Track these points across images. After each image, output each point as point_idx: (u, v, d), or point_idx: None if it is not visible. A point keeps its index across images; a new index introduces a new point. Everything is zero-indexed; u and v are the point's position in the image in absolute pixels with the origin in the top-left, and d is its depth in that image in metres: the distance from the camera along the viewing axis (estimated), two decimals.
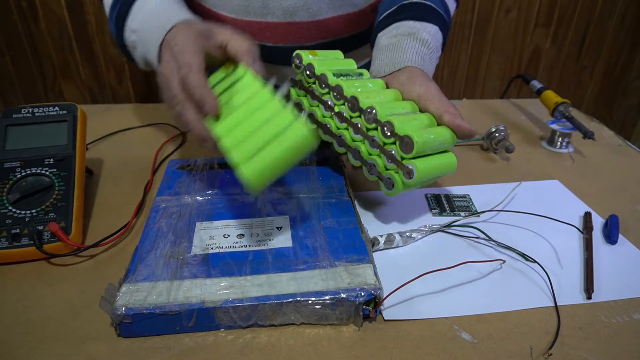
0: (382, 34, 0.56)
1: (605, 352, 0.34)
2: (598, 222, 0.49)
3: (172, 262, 0.38)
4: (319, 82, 0.49)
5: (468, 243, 0.45)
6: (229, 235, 0.42)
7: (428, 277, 0.37)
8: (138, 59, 0.55)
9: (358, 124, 0.46)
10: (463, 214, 0.49)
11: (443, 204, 0.51)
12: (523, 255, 0.43)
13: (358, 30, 0.70)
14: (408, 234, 0.45)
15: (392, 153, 0.43)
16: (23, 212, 0.43)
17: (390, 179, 0.43)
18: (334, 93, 0.47)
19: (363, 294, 0.35)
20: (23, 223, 0.42)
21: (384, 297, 0.36)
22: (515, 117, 0.77)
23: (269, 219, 0.44)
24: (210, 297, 0.35)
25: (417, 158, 0.42)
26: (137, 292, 0.35)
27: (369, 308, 0.35)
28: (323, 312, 0.35)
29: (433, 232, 0.46)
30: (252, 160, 0.35)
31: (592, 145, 0.66)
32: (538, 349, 0.34)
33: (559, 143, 0.66)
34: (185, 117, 0.42)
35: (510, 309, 0.38)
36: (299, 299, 0.35)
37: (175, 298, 0.34)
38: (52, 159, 0.46)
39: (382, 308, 0.37)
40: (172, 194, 0.47)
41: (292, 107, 0.39)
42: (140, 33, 0.52)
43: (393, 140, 0.43)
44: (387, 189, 0.44)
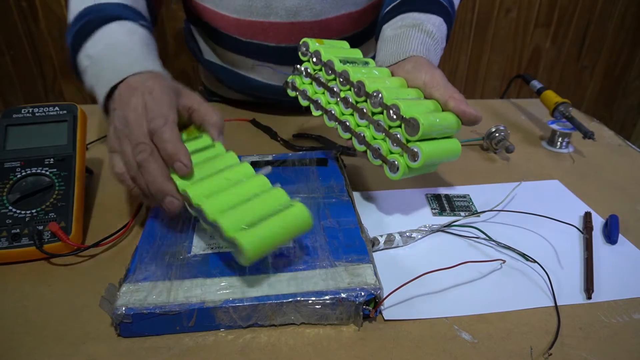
0: (387, 26, 0.56)
1: (605, 352, 0.34)
2: (598, 222, 0.49)
3: (172, 262, 0.38)
4: (326, 68, 0.49)
5: (468, 243, 0.45)
6: None
7: (428, 277, 0.37)
8: (86, 84, 0.51)
9: (364, 109, 0.46)
10: (463, 214, 0.49)
11: (443, 204, 0.51)
12: (523, 255, 0.43)
13: (360, 29, 0.70)
14: (408, 234, 0.45)
15: (397, 136, 0.43)
16: (23, 212, 0.43)
17: (395, 162, 0.44)
18: (340, 79, 0.48)
19: (363, 294, 0.35)
20: (23, 223, 0.42)
21: (384, 297, 0.36)
22: (515, 117, 0.77)
23: None
24: (210, 297, 0.35)
25: (422, 141, 0.43)
26: (137, 292, 0.35)
27: (369, 308, 0.35)
28: (323, 312, 0.35)
29: (433, 232, 0.46)
30: (249, 231, 0.35)
31: (592, 145, 0.66)
32: (538, 349, 0.34)
33: (559, 143, 0.66)
34: (150, 168, 0.39)
35: (510, 309, 0.38)
36: (299, 299, 0.35)
37: (175, 298, 0.34)
38: (52, 159, 0.46)
39: (382, 308, 0.37)
40: None
41: (280, 186, 0.40)
42: (96, 63, 0.48)
43: (398, 124, 0.43)
44: (391, 173, 0.44)
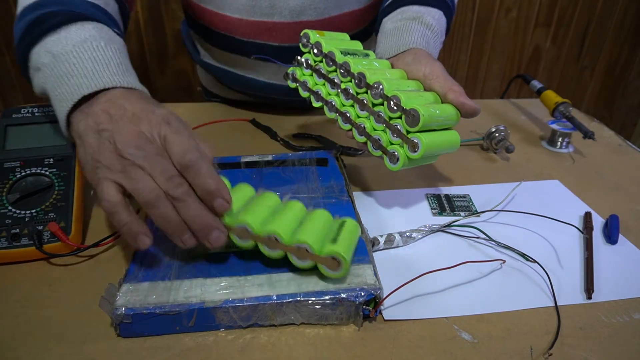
0: (387, 19, 0.56)
1: (605, 352, 0.34)
2: (598, 222, 0.49)
3: (172, 262, 0.38)
4: (326, 59, 0.49)
5: (468, 243, 0.45)
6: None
7: (428, 277, 0.37)
8: (37, 81, 0.44)
9: (364, 100, 0.46)
10: (463, 214, 0.49)
11: (443, 204, 0.51)
12: (523, 255, 0.43)
13: (363, 27, 0.70)
14: (408, 234, 0.45)
15: (397, 127, 0.44)
16: (23, 212, 0.43)
17: (395, 153, 0.44)
18: (341, 70, 0.48)
19: (363, 294, 0.35)
20: (23, 223, 0.42)
21: (384, 297, 0.36)
22: (515, 117, 0.77)
23: None
24: (210, 297, 0.35)
25: (422, 132, 0.43)
26: (137, 292, 0.35)
27: (369, 308, 0.35)
28: (323, 312, 0.35)
29: (433, 232, 0.46)
30: (345, 248, 0.36)
31: (592, 145, 0.66)
32: (538, 349, 0.34)
33: (559, 143, 0.66)
34: (192, 203, 0.35)
35: (510, 309, 0.38)
36: (299, 299, 0.35)
37: (175, 298, 0.34)
38: (52, 159, 0.46)
39: (382, 308, 0.37)
40: None
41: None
42: (62, 63, 0.41)
43: (399, 115, 0.44)
44: (391, 164, 0.45)
